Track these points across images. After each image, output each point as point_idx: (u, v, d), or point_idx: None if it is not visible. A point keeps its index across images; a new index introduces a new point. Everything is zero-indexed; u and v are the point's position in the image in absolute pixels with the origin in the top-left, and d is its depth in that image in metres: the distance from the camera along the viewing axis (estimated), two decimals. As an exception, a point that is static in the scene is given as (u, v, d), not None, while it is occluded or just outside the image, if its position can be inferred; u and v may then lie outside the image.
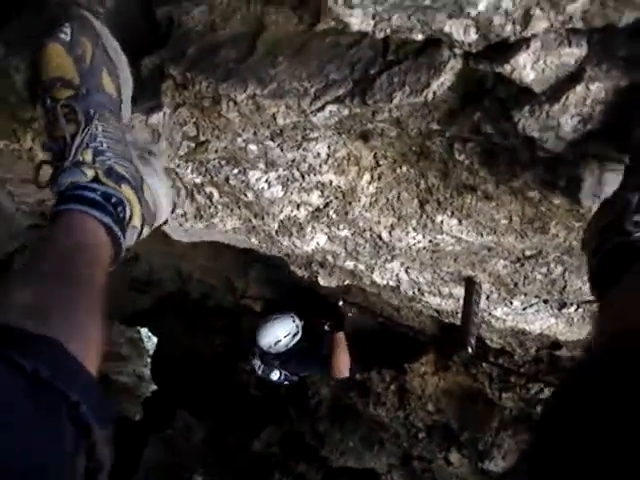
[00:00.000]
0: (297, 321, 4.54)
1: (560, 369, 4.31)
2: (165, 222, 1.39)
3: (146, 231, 1.23)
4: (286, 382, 4.92)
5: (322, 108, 1.33)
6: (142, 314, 8.32)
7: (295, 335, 4.54)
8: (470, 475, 5.45)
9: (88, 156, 1.09)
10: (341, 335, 4.47)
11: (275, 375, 4.78)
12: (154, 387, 9.97)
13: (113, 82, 1.18)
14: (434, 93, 1.30)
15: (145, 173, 1.24)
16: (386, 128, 1.51)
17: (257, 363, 4.78)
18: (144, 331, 10.52)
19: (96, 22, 1.16)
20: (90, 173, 1.07)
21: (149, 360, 10.33)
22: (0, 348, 0.68)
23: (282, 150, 1.57)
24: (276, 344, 4.49)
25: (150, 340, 10.88)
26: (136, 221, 1.16)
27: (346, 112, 1.36)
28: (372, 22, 1.14)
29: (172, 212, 1.34)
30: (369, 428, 6.20)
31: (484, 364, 4.57)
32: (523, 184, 1.52)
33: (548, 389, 4.43)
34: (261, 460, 7.54)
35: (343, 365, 4.49)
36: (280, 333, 4.46)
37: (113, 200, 1.08)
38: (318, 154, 1.62)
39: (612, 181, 1.32)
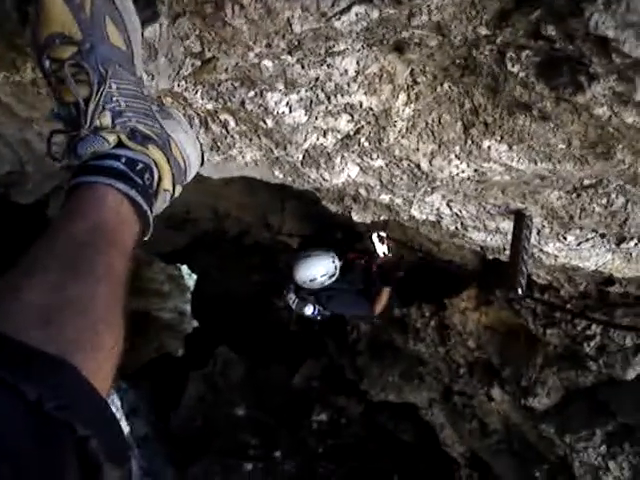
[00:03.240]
0: (336, 262, 4.49)
1: (610, 304, 4.11)
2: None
3: (178, 190, 1.11)
4: (319, 317, 4.91)
5: (346, 10, 1.12)
6: (180, 252, 8.38)
7: (332, 276, 4.49)
8: (512, 412, 5.36)
9: (107, 120, 0.96)
10: (388, 290, 4.66)
11: (309, 310, 4.77)
12: (195, 324, 10.12)
13: (120, 32, 1.01)
14: (484, -14, 1.07)
15: (169, 128, 1.10)
16: (424, 36, 1.29)
17: (292, 297, 4.78)
18: (184, 268, 10.61)
19: None
20: (112, 138, 0.95)
21: (190, 297, 10.46)
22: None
23: (303, 67, 1.36)
24: (311, 281, 4.45)
25: (190, 277, 10.99)
26: (166, 183, 1.04)
27: (375, 14, 1.14)
28: None
29: (202, 165, 1.18)
30: (409, 363, 6.19)
31: (528, 300, 4.40)
32: (590, 99, 1.28)
33: (595, 325, 4.25)
34: (301, 394, 7.67)
35: (380, 308, 4.77)
36: (317, 271, 4.41)
37: (139, 167, 0.96)
38: (345, 71, 1.40)
39: None
